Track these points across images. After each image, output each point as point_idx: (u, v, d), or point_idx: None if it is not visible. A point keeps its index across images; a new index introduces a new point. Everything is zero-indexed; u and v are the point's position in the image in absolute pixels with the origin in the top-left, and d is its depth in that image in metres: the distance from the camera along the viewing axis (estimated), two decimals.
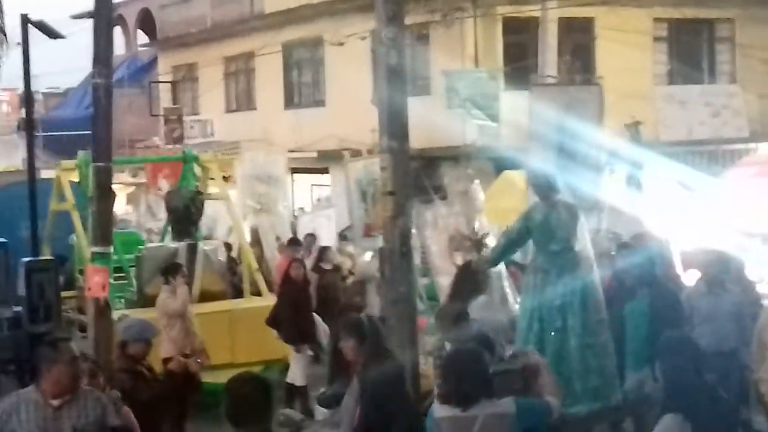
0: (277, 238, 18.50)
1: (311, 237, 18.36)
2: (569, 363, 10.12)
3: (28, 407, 6.65)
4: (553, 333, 10.14)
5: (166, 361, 12.35)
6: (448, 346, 8.61)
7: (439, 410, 6.25)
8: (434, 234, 14.29)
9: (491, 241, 13.58)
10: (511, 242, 11.00)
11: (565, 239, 10.33)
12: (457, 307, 10.24)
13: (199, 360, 10.50)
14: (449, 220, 14.33)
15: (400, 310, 10.24)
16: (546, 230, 10.37)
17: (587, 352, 10.18)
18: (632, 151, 15.78)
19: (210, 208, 20.02)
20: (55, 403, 6.59)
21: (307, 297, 14.03)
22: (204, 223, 19.72)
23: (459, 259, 13.70)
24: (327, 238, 19.22)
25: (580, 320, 10.24)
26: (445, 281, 13.49)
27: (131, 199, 25.40)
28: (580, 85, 15.92)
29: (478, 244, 14.08)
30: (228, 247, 17.67)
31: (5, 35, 15.96)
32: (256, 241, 17.36)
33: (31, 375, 14.21)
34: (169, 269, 13.39)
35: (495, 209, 15.67)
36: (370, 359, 7.29)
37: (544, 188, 10.57)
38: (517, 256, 13.39)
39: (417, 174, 14.42)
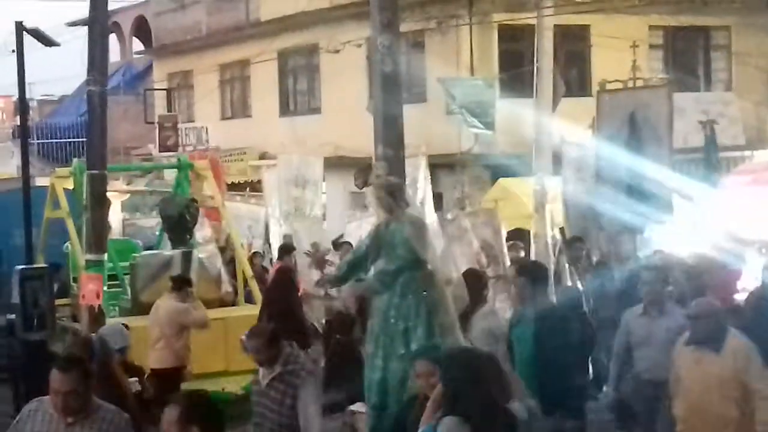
0: (313, 245, 18.07)
1: (348, 245, 17.66)
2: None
3: (44, 417, 6.56)
4: (396, 361, 9.14)
5: (162, 371, 12.34)
6: None
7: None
8: (461, 247, 14.09)
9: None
10: (357, 260, 9.75)
11: (405, 257, 9.23)
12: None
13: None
14: (475, 233, 14.14)
15: None
16: (389, 247, 9.37)
17: None
18: None
19: (246, 209, 20.03)
20: (69, 419, 6.50)
21: (294, 303, 13.92)
22: (243, 225, 19.73)
23: (490, 271, 13.53)
24: None
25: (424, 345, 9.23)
26: None
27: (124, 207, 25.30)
28: (648, 88, 14.99)
29: (321, 262, 13.67)
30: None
31: None
32: (286, 251, 16.52)
33: (27, 383, 14.23)
34: (184, 280, 13.33)
35: None
36: None
37: (389, 200, 9.46)
38: None
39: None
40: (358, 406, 10.14)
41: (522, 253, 15.73)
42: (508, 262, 14.06)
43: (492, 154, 21.80)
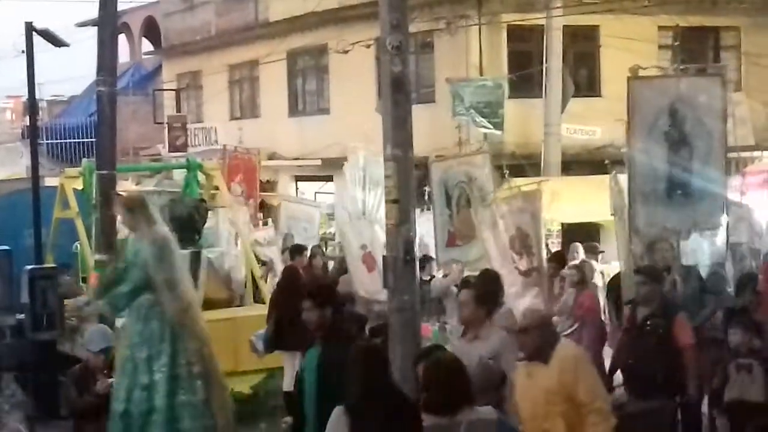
0: (363, 247, 17.85)
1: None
2: (159, 425, 8.61)
3: None
4: (139, 390, 8.56)
5: None
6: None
7: (424, 419, 6.33)
8: (494, 235, 13.28)
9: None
10: (117, 276, 9.02)
11: (141, 278, 8.61)
12: None
13: None
14: (511, 219, 13.20)
15: (405, 318, 10.21)
16: (130, 266, 8.72)
17: (182, 411, 8.64)
18: None
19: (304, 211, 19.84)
20: None
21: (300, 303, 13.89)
22: (299, 227, 19.57)
23: (523, 264, 12.89)
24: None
25: (168, 375, 8.63)
26: (508, 289, 12.26)
27: None
28: (695, 76, 13.95)
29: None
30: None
31: None
32: (298, 252, 16.28)
33: (36, 383, 14.26)
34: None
35: None
36: None
37: (128, 216, 8.83)
38: None
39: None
40: None
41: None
42: (545, 254, 13.29)
43: (501, 155, 21.77)
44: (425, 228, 17.87)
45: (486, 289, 10.81)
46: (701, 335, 10.79)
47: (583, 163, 21.96)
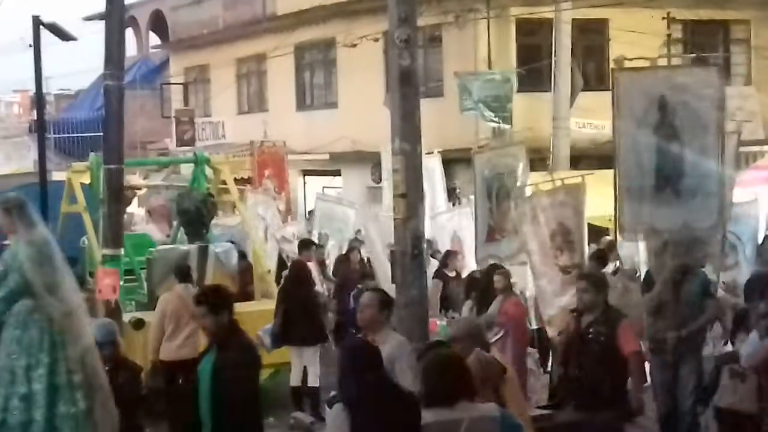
0: (390, 245, 17.62)
1: (427, 243, 17.39)
2: None
3: None
4: (17, 401, 8.04)
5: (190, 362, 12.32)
6: None
7: (425, 416, 6.24)
8: (533, 230, 12.75)
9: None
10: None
11: (17, 282, 8.10)
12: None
13: None
14: (552, 213, 12.53)
15: (413, 312, 10.18)
16: (8, 270, 8.24)
17: (62, 424, 8.06)
18: None
19: (340, 211, 19.64)
20: None
21: (308, 298, 13.88)
22: (333, 227, 19.38)
23: (564, 260, 12.32)
24: (471, 239, 16.32)
25: (47, 385, 8.04)
26: (547, 286, 12.22)
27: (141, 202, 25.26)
28: (688, 66, 12.70)
29: None
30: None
31: None
32: (305, 246, 15.91)
33: None
34: (188, 268, 13.35)
35: None
36: None
37: (5, 218, 8.43)
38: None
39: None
40: None
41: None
42: (587, 251, 12.73)
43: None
44: (458, 222, 17.82)
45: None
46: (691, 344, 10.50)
47: (591, 157, 21.88)
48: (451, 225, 17.74)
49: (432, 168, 18.95)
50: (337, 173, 28.10)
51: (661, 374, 10.67)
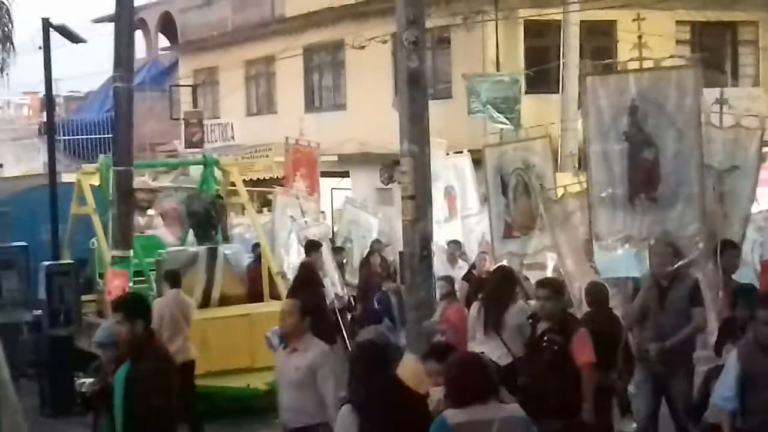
0: (451, 242, 17.17)
1: (455, 244, 17.23)
2: None
3: None
4: None
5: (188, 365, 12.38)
6: None
7: (454, 416, 6.14)
8: (566, 232, 12.54)
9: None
10: None
11: None
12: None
13: None
14: (585, 216, 12.17)
15: (421, 314, 10.21)
16: None
17: None
18: None
19: (364, 219, 19.54)
20: None
21: (318, 298, 13.92)
22: (358, 234, 19.30)
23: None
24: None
25: None
26: (582, 289, 11.75)
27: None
28: (661, 69, 11.66)
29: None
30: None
31: (12, 44, 15.97)
32: (313, 248, 15.68)
33: (53, 378, 14.30)
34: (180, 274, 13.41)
35: None
36: None
37: None
38: None
39: None
40: None
41: None
42: None
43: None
44: (486, 225, 17.53)
45: (504, 285, 10.75)
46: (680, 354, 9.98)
47: None
48: (479, 228, 17.52)
49: (462, 167, 18.77)
50: (345, 175, 28.10)
51: (645, 385, 10.27)
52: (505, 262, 13.70)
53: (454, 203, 18.70)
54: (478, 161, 23.25)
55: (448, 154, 19.13)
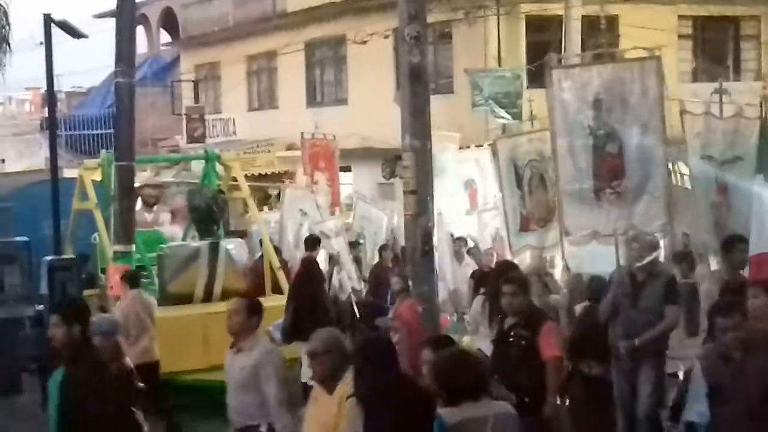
0: (456, 239, 16.84)
1: (461, 240, 17.01)
2: None
3: None
4: None
5: (153, 365, 12.42)
6: None
7: (451, 416, 6.10)
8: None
9: None
10: None
11: None
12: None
13: None
14: None
15: (423, 308, 10.20)
16: None
17: None
18: None
19: (375, 214, 19.45)
20: None
21: (319, 293, 13.92)
22: (370, 229, 19.22)
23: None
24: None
25: None
26: None
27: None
28: (625, 62, 11.32)
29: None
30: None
31: (8, 44, 15.97)
32: (313, 244, 15.51)
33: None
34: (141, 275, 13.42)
35: None
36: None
37: None
38: None
39: None
40: None
41: None
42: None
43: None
44: (501, 221, 17.15)
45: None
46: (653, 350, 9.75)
47: None
48: (494, 223, 17.33)
49: (483, 162, 18.35)
50: (347, 169, 28.10)
51: (619, 383, 10.04)
52: (527, 255, 13.61)
53: (476, 197, 18.40)
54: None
55: (461, 148, 19.03)
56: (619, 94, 10.73)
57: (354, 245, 17.63)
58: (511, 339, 8.76)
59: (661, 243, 10.57)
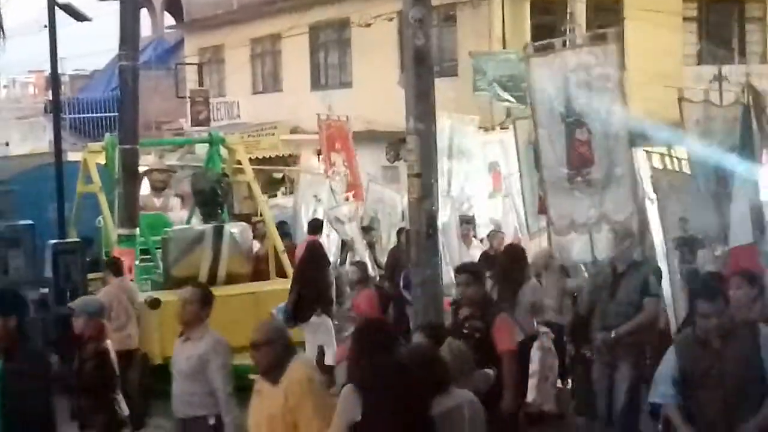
0: (464, 222, 16.53)
1: (468, 223, 16.82)
2: None
3: None
4: None
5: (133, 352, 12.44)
6: None
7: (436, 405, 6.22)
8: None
9: None
10: None
11: None
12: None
13: None
14: None
15: (427, 292, 10.19)
16: None
17: None
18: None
19: (388, 195, 19.40)
20: None
21: (324, 275, 13.93)
22: (384, 211, 19.15)
23: None
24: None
25: None
26: None
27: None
28: (588, 45, 10.98)
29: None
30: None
31: (2, 29, 15.95)
32: (316, 228, 15.76)
33: (59, 357, 14.30)
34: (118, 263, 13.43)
35: None
36: None
37: None
38: None
39: None
40: None
41: None
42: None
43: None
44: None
45: (515, 263, 10.64)
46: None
47: None
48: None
49: (507, 143, 17.67)
50: None
51: (597, 376, 9.95)
52: (544, 238, 13.52)
53: (500, 179, 18.08)
54: None
55: (483, 129, 18.89)
56: (584, 79, 10.50)
57: (367, 230, 17.56)
58: (465, 331, 8.52)
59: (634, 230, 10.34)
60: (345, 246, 16.50)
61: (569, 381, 11.65)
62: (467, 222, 16.78)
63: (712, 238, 11.78)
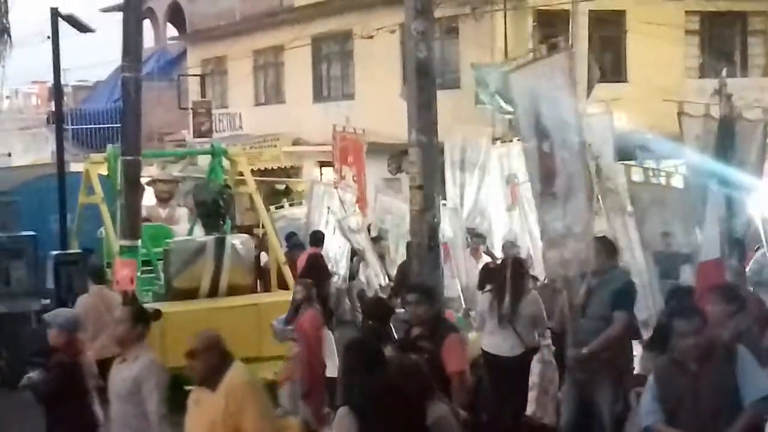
0: (474, 236, 16.50)
1: (479, 237, 16.84)
2: None
3: None
4: None
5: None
6: None
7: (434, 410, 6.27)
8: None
9: None
10: None
11: None
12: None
13: None
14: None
15: None
16: None
17: None
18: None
19: (396, 206, 19.32)
20: None
21: (324, 286, 13.94)
22: (392, 222, 19.09)
23: None
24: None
25: None
26: None
27: None
28: (548, 56, 10.87)
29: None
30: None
31: (9, 36, 15.99)
32: (317, 240, 15.88)
33: None
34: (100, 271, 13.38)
35: None
36: None
37: None
38: None
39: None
40: None
41: None
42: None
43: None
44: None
45: (515, 275, 10.63)
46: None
47: None
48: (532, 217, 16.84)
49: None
50: None
51: (569, 391, 9.83)
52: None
53: (517, 192, 17.73)
54: None
55: (498, 141, 18.81)
56: (544, 91, 10.36)
57: (377, 241, 17.46)
58: (415, 350, 8.36)
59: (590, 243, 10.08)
60: (355, 257, 16.44)
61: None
62: (477, 236, 16.64)
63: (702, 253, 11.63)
